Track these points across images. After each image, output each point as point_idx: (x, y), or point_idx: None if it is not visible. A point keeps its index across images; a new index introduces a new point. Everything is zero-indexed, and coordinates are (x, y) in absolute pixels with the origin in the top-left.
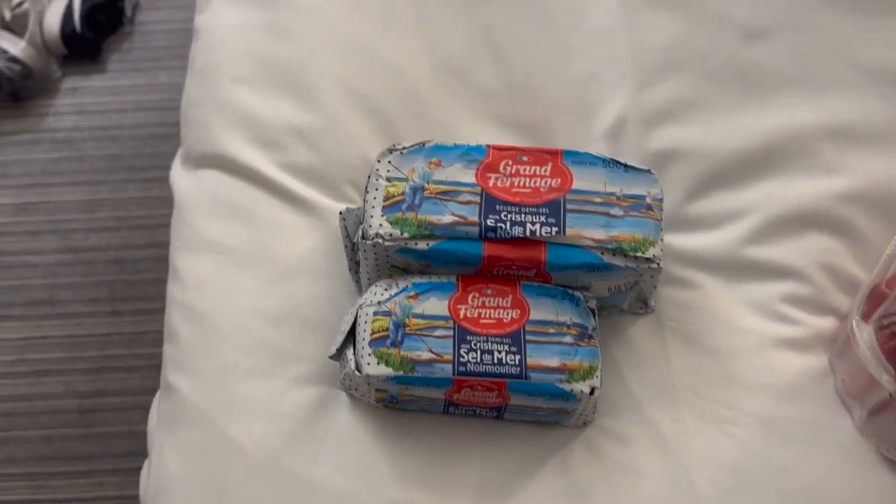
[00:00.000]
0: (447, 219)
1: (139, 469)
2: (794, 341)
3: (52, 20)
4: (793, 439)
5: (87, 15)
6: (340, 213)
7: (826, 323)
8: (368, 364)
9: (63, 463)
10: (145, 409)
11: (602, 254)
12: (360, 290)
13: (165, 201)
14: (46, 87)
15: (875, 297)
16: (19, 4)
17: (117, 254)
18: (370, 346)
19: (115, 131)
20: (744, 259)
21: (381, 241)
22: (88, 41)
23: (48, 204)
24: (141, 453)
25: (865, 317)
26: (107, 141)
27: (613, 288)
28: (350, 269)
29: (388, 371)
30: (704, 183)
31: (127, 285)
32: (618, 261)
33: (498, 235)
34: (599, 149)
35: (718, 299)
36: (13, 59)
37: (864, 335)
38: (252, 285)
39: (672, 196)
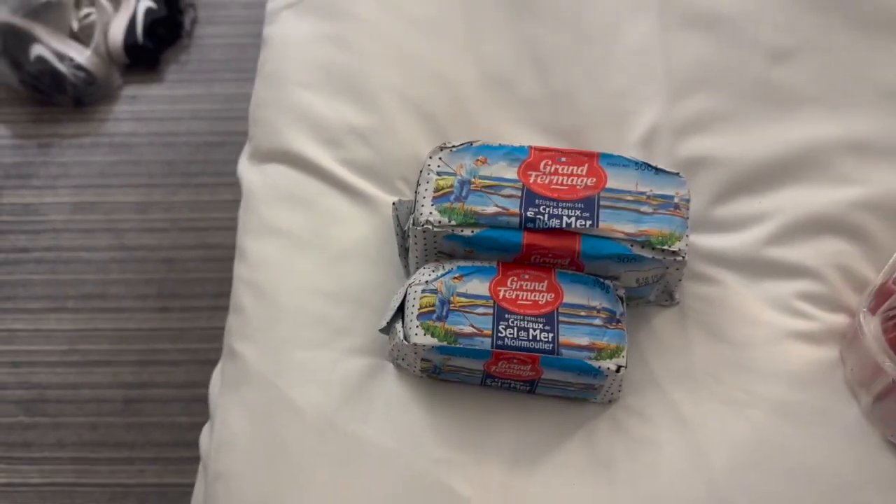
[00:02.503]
0: (491, 209)
1: (179, 459)
2: (807, 334)
3: (117, 32)
4: (803, 422)
5: (148, 28)
6: (393, 203)
7: (838, 319)
8: (416, 334)
9: (107, 449)
10: (187, 402)
11: (632, 246)
12: (409, 275)
13: (215, 205)
14: (108, 94)
15: (883, 293)
16: (86, 16)
17: (167, 253)
18: (418, 319)
19: (170, 138)
20: (764, 259)
21: (430, 227)
22: (149, 52)
23: (104, 204)
24: (180, 444)
25: (873, 310)
26: (162, 147)
27: (641, 279)
28: (400, 255)
29: (434, 341)
30: (729, 189)
31: (175, 283)
32: (646, 252)
33: (536, 226)
34: (632, 155)
35: (739, 295)
36: (78, 67)
37: (871, 326)
38: (311, 267)
39: (699, 200)
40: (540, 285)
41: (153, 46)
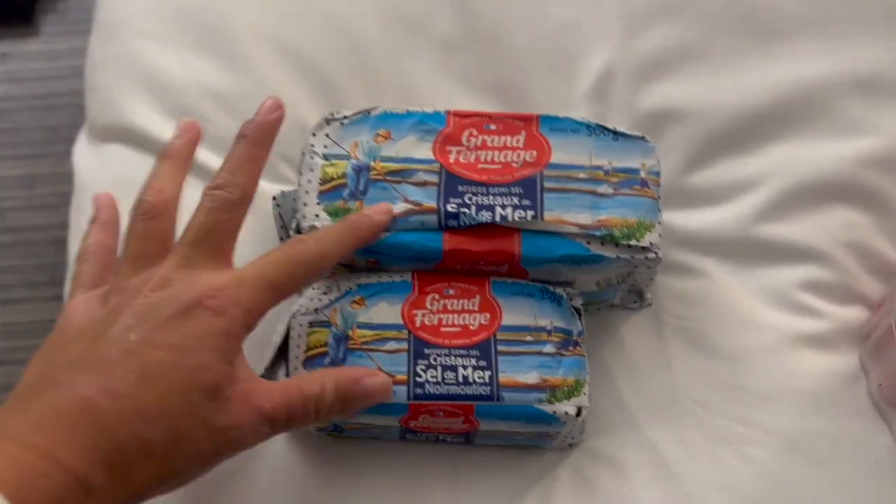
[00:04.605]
0: (399, 207)
1: None
2: (817, 337)
3: None
4: (821, 459)
5: None
6: (274, 197)
7: (854, 313)
8: None
9: None
10: None
11: (588, 243)
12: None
13: None
14: None
15: None
16: None
17: (59, 233)
18: (304, 367)
19: (52, 100)
20: (756, 239)
21: None
22: (19, 3)
23: None
24: None
25: None
26: (43, 111)
27: (602, 282)
28: None
29: None
30: (707, 148)
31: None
32: (607, 251)
33: (461, 223)
34: (583, 111)
35: (727, 289)
36: None
37: None
38: None
39: (669, 165)
40: (470, 303)
41: None
